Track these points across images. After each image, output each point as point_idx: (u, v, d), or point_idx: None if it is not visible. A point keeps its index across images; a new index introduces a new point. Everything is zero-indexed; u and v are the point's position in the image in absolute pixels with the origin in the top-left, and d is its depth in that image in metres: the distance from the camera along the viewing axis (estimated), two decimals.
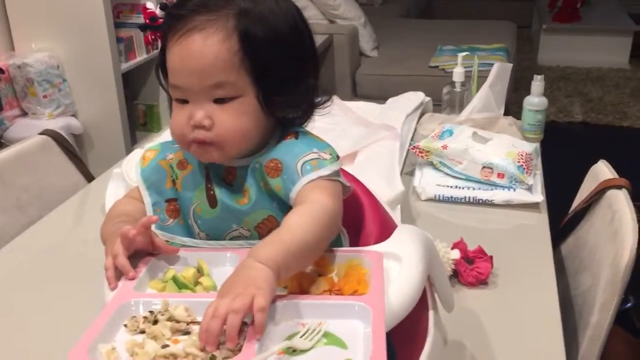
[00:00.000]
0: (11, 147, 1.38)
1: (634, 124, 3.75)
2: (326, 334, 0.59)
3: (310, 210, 0.69)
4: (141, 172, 0.80)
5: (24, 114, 2.60)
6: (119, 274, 0.68)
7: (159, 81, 0.77)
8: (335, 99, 0.83)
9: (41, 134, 1.44)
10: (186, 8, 0.72)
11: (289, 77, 0.74)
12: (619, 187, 1.12)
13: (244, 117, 0.72)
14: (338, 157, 0.76)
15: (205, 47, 0.70)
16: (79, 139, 2.71)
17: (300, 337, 0.58)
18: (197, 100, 0.72)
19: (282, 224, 0.69)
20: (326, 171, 0.73)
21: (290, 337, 0.59)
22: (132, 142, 2.92)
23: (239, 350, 0.56)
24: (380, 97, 2.34)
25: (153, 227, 0.77)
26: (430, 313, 0.77)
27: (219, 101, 0.72)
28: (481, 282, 1.03)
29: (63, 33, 2.58)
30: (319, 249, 0.69)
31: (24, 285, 1.08)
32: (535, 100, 1.53)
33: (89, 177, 1.49)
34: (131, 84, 3.01)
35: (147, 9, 2.86)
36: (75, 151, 1.49)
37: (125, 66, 2.75)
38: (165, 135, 1.55)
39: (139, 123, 3.15)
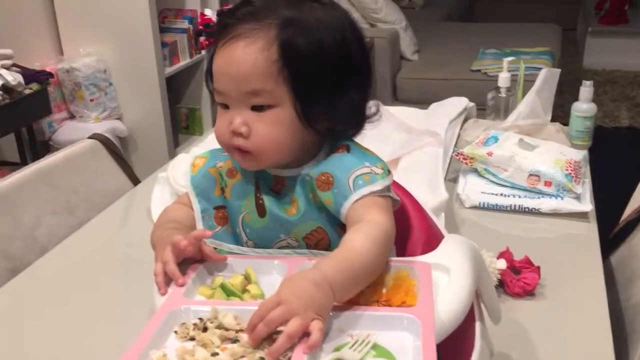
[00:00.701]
0: (61, 151, 1.41)
1: None
2: (375, 346, 0.59)
3: (370, 231, 0.68)
4: (191, 179, 0.81)
5: (72, 117, 2.67)
6: (168, 279, 0.69)
7: (206, 85, 0.78)
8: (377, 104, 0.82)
9: (90, 137, 1.47)
10: (234, 17, 0.73)
11: (330, 89, 0.73)
12: None
13: (280, 127, 0.72)
14: (389, 171, 0.76)
15: (245, 55, 0.71)
16: (123, 142, 2.76)
17: (349, 348, 0.58)
18: (236, 106, 0.73)
19: (346, 245, 0.68)
20: (378, 186, 0.73)
21: (338, 349, 0.58)
22: (175, 145, 2.97)
23: (288, 359, 0.56)
24: (420, 101, 2.33)
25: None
26: (477, 324, 0.76)
27: (257, 109, 0.72)
28: (528, 293, 1.01)
29: (110, 38, 2.65)
30: (377, 273, 0.69)
31: (74, 285, 1.10)
32: (583, 107, 1.49)
33: (135, 181, 1.52)
34: (174, 88, 3.07)
35: (205, 15, 2.93)
36: (122, 155, 1.52)
37: (169, 70, 2.80)
38: (210, 140, 1.57)
39: (181, 126, 3.20)
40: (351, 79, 0.75)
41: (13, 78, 2.01)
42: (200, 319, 0.62)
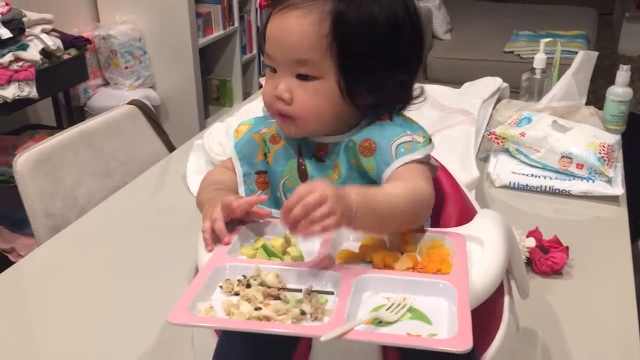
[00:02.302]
0: (101, 115, 1.45)
1: None
2: (411, 309, 0.61)
3: (408, 187, 0.71)
4: (235, 144, 0.84)
5: (106, 83, 2.71)
6: (215, 237, 0.72)
7: (259, 46, 0.81)
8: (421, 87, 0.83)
9: (129, 103, 1.51)
10: None
11: (377, 69, 0.75)
12: None
13: (320, 98, 0.75)
14: (430, 140, 0.78)
15: (297, 25, 0.73)
16: (155, 110, 2.80)
17: (386, 310, 0.61)
18: (283, 72, 0.76)
19: (383, 188, 0.72)
20: (419, 155, 0.75)
21: (376, 309, 0.61)
22: (205, 115, 3.01)
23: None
24: (451, 81, 2.31)
25: (242, 195, 0.81)
26: (506, 298, 0.78)
27: (302, 78, 0.75)
28: (556, 272, 1.03)
29: (145, 6, 2.67)
30: (403, 221, 0.70)
31: (111, 245, 1.15)
32: (619, 91, 1.49)
33: (171, 147, 1.55)
34: (206, 59, 3.09)
35: None
36: (159, 122, 1.55)
37: (202, 41, 2.82)
38: (244, 111, 1.60)
39: (212, 97, 3.23)
40: (401, 60, 0.76)
41: (53, 43, 2.05)
42: (244, 276, 0.65)
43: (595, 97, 2.61)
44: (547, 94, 1.56)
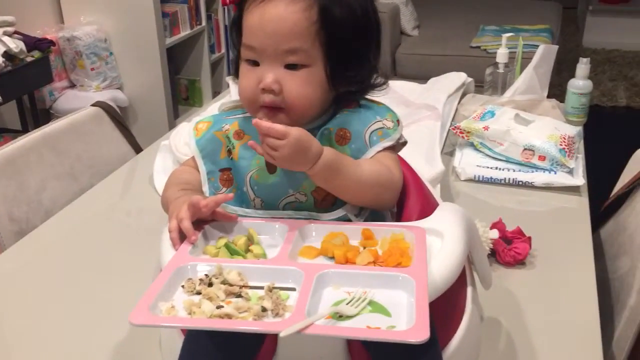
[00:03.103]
0: (65, 117, 1.43)
1: None
2: (371, 302, 0.62)
3: (377, 167, 0.77)
4: (196, 142, 0.84)
5: (72, 85, 2.68)
6: (181, 236, 0.72)
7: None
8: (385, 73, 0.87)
9: (93, 105, 1.49)
10: None
11: (356, 55, 0.78)
12: None
13: (311, 86, 0.76)
14: (398, 120, 0.83)
15: (287, 13, 0.74)
16: (123, 112, 2.78)
17: (347, 304, 0.61)
18: (269, 63, 0.75)
19: (355, 160, 0.77)
20: (390, 141, 0.81)
21: (337, 304, 0.62)
22: (175, 116, 2.99)
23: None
24: (420, 77, 2.34)
25: (207, 193, 0.82)
26: (469, 289, 0.80)
27: (290, 67, 0.75)
28: (519, 262, 1.05)
29: (110, 7, 2.64)
30: (363, 195, 0.77)
31: (77, 249, 1.13)
32: (579, 84, 1.52)
33: (137, 149, 1.54)
34: (174, 59, 3.07)
35: None
36: (125, 123, 1.54)
37: (169, 41, 2.80)
38: (210, 111, 1.59)
39: (181, 97, 3.21)
40: (372, 46, 0.80)
41: (15, 45, 2.02)
42: (206, 275, 0.66)
43: (561, 90, 2.66)
44: (510, 87, 1.59)
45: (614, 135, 3.09)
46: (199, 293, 0.64)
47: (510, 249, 1.05)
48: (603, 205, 1.28)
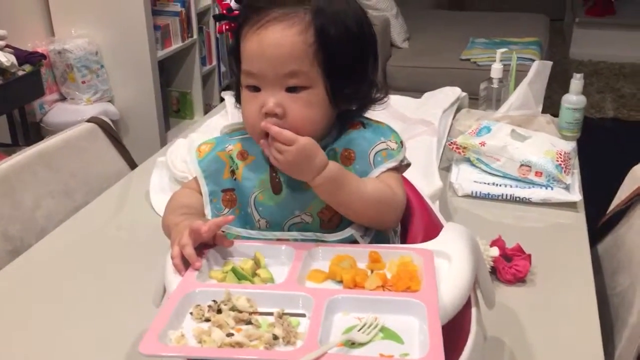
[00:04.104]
0: (60, 134, 1.42)
1: None
2: (383, 329, 0.62)
3: (381, 187, 0.78)
4: (199, 162, 0.84)
5: (63, 98, 2.66)
6: (185, 262, 0.71)
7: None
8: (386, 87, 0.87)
9: (88, 121, 1.48)
10: (264, 1, 0.76)
11: (355, 72, 0.79)
12: None
13: (313, 107, 0.77)
14: (402, 142, 0.84)
15: (284, 37, 0.74)
16: (115, 125, 2.74)
17: (358, 330, 0.61)
18: (270, 88, 0.76)
19: (360, 178, 0.79)
20: (394, 162, 0.82)
21: (348, 331, 0.61)
22: (166, 128, 2.97)
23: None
24: (410, 89, 2.35)
25: (208, 215, 0.81)
26: (473, 310, 0.79)
27: (291, 90, 0.76)
28: (519, 280, 1.05)
29: (102, 20, 2.63)
30: (365, 213, 0.77)
31: (73, 268, 1.12)
32: (573, 99, 1.53)
33: (132, 165, 1.53)
34: (166, 71, 3.06)
35: (223, 0, 2.93)
36: (120, 139, 1.53)
37: (161, 54, 2.79)
38: (206, 126, 1.58)
39: (172, 110, 3.20)
40: (369, 63, 0.81)
41: (7, 59, 2.01)
42: (214, 301, 0.65)
43: (551, 102, 2.68)
44: (504, 102, 1.60)
45: (605, 147, 3.12)
46: (208, 320, 0.63)
47: (510, 266, 1.05)
48: (600, 221, 1.29)
